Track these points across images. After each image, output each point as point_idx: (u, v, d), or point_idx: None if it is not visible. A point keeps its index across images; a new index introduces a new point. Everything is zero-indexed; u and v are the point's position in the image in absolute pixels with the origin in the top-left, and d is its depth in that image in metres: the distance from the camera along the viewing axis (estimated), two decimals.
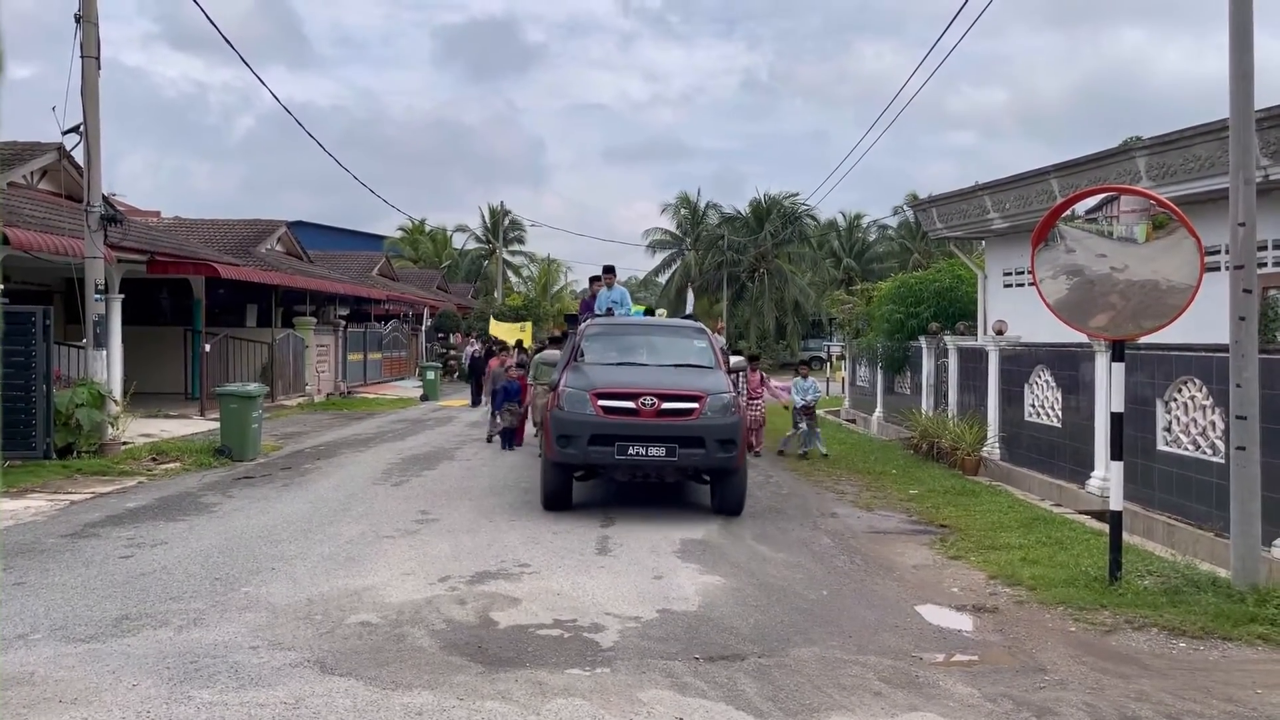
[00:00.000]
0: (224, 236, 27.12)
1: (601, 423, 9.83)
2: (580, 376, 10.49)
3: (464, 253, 61.40)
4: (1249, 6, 7.12)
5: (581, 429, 9.85)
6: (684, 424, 9.88)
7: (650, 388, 10.04)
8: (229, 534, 9.08)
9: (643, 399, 9.89)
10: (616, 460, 9.82)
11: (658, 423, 9.84)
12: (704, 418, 9.90)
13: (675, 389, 10.13)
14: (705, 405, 9.97)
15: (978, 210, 17.82)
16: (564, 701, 5.07)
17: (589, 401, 9.95)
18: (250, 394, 14.28)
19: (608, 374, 10.55)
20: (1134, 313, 7.41)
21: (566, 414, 10.03)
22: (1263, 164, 10.16)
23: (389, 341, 34.32)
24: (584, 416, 9.91)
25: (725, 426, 9.93)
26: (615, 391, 10.03)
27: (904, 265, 47.25)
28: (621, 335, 11.95)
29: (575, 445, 9.86)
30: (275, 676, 5.35)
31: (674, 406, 9.93)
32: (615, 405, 9.88)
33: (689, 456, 9.83)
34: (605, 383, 10.23)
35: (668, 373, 10.71)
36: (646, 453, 9.74)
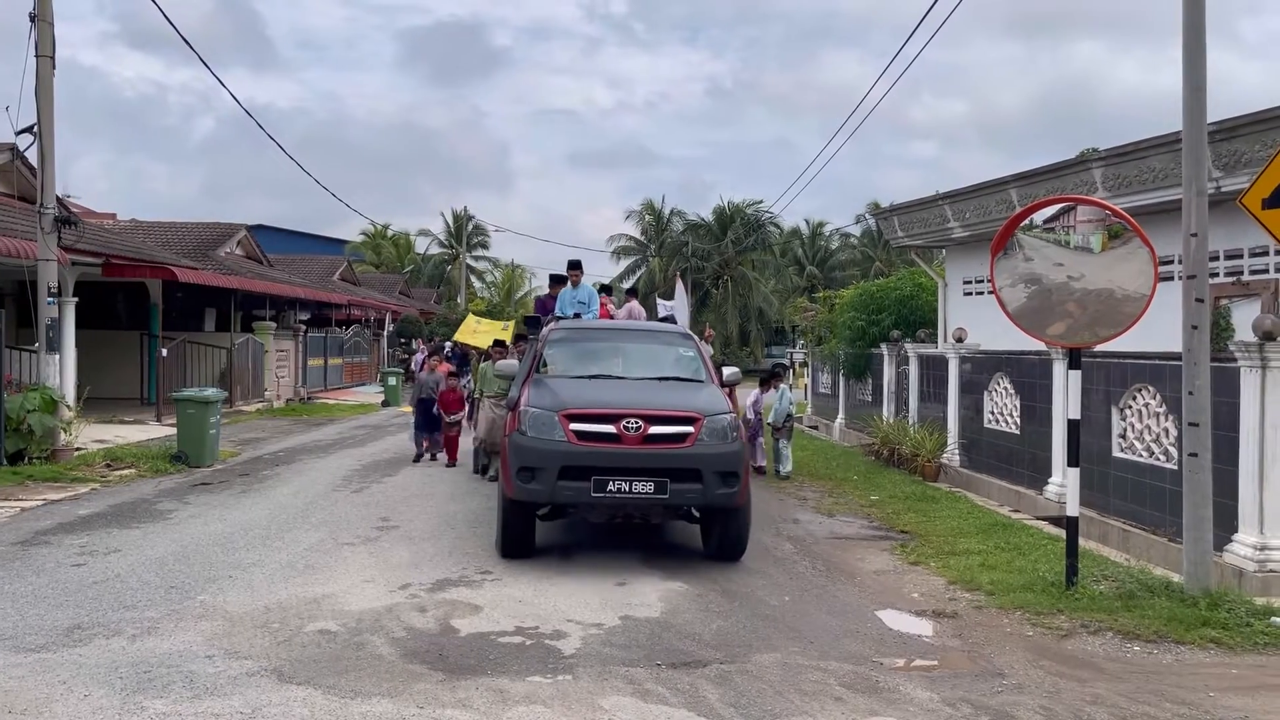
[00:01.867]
0: (182, 239, 26.75)
1: (574, 451, 7.95)
2: (546, 393, 8.52)
3: (427, 257, 61.08)
4: (1202, 22, 7.27)
5: (549, 459, 7.96)
6: (676, 452, 8.03)
7: (634, 407, 8.16)
8: (185, 541, 8.94)
9: (625, 421, 7.99)
10: (593, 499, 7.95)
11: (644, 451, 7.99)
12: (701, 444, 8.09)
13: (665, 409, 8.28)
14: (701, 429, 8.14)
15: (938, 219, 18.02)
16: (525, 709, 5.04)
17: (558, 425, 8.06)
18: (208, 399, 14.08)
19: (580, 390, 8.65)
20: (1090, 321, 7.52)
21: (530, 440, 8.11)
22: (1215, 176, 10.37)
23: (350, 347, 34.03)
24: (552, 444, 8.01)
25: (726, 455, 8.13)
26: (591, 412, 8.11)
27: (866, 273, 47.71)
28: (592, 341, 10.05)
29: (541, 479, 7.95)
30: (231, 686, 5.27)
31: (664, 431, 8.08)
32: (591, 429, 8.00)
33: (683, 493, 7.99)
34: (578, 401, 8.28)
35: (652, 388, 8.88)
36: (630, 489, 7.90)
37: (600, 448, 7.99)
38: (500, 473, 8.56)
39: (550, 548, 8.93)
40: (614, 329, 10.81)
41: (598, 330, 10.65)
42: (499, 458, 11.71)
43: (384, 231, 59.50)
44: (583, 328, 10.65)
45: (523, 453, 8.12)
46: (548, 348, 9.75)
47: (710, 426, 8.21)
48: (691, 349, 10.06)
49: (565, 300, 12.51)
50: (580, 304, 12.37)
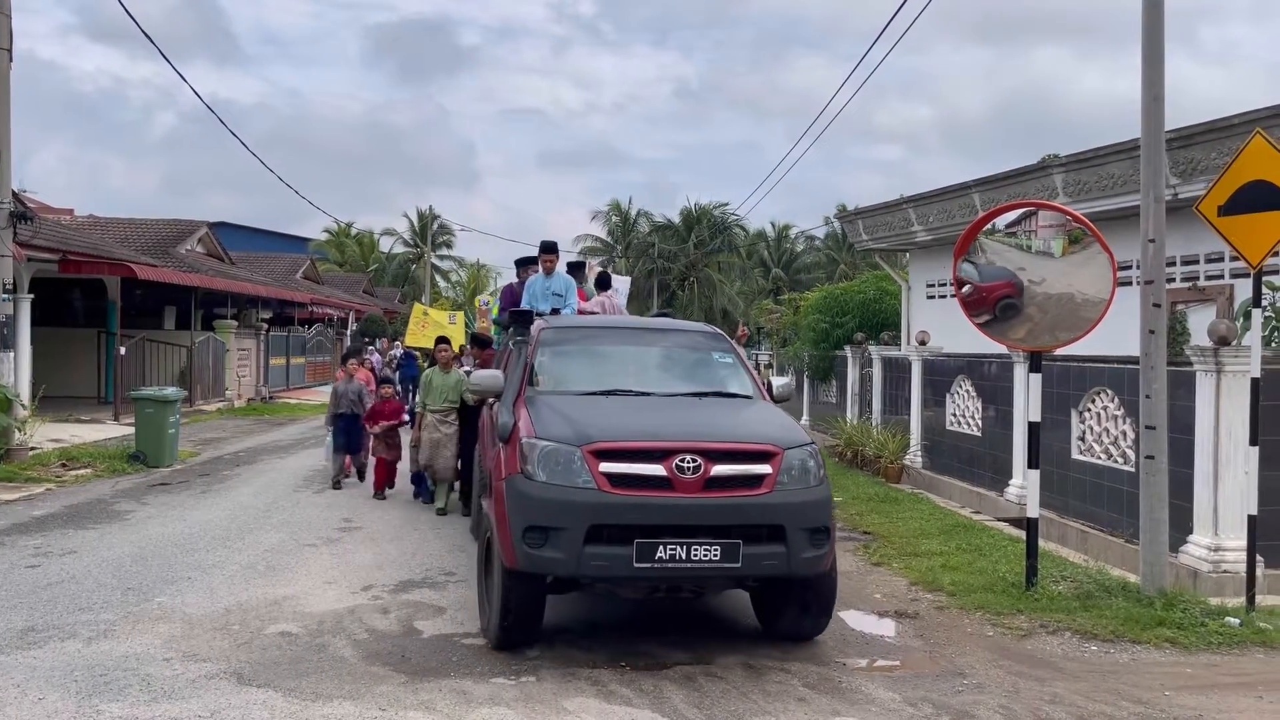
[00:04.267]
0: (141, 236, 26.36)
1: (610, 503, 5.61)
2: (556, 419, 6.11)
3: (391, 256, 60.66)
4: (1161, 31, 7.39)
5: (572, 515, 5.60)
6: (750, 502, 5.74)
7: (689, 438, 5.87)
8: (143, 542, 8.80)
9: (679, 459, 5.67)
10: (637, 570, 5.58)
11: (707, 501, 5.66)
12: (781, 489, 5.81)
13: (729, 440, 6.01)
14: (780, 467, 5.86)
15: (902, 223, 18.19)
16: (489, 711, 5.02)
17: (582, 465, 5.70)
18: (167, 398, 13.89)
19: (605, 414, 6.28)
20: (1051, 325, 7.62)
21: (541, 488, 5.73)
22: (1172, 183, 10.55)
23: (313, 346, 33.74)
24: (575, 492, 5.66)
25: (816, 504, 5.94)
26: (630, 446, 5.78)
27: (831, 276, 47.99)
28: (599, 344, 7.69)
29: (560, 544, 5.58)
30: (190, 689, 5.20)
31: (731, 472, 5.77)
32: (631, 471, 5.69)
33: (759, 560, 5.70)
34: (610, 430, 5.93)
35: (693, 409, 6.62)
36: (688, 556, 5.56)
37: (646, 497, 5.63)
38: (493, 532, 6.02)
39: None
40: (626, 327, 8.33)
41: (605, 330, 8.17)
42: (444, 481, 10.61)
43: (348, 230, 59.01)
44: (585, 326, 8.32)
45: (531, 506, 5.70)
46: (540, 353, 7.22)
47: (791, 463, 5.91)
48: (728, 352, 7.63)
49: (536, 291, 10.16)
50: (555, 296, 10.05)
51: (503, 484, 6.03)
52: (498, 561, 5.96)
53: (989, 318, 7.85)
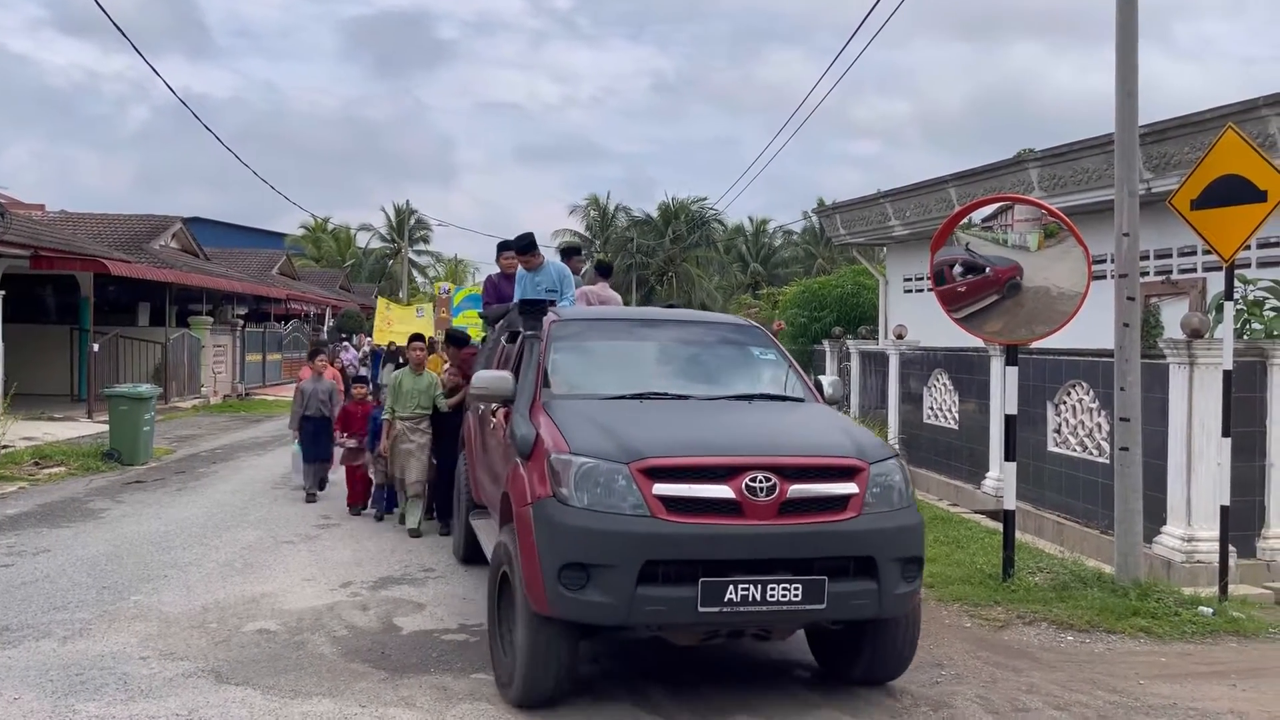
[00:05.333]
0: (115, 232, 26.11)
1: (669, 534, 4.70)
2: (591, 429, 5.14)
3: (368, 252, 60.37)
4: (1134, 28, 7.46)
5: (621, 549, 4.67)
6: (836, 529, 4.87)
7: (758, 452, 4.98)
8: (118, 541, 8.73)
9: (749, 478, 4.78)
10: (702, 616, 4.70)
11: (785, 529, 4.79)
12: (869, 513, 4.95)
13: (805, 453, 5.13)
14: (866, 484, 5.00)
15: (880, 217, 18.27)
16: (469, 706, 5.02)
17: (631, 485, 4.78)
18: (142, 395, 13.75)
19: (646, 421, 5.34)
20: (1027, 318, 7.68)
21: (580, 515, 4.78)
22: (1146, 177, 10.65)
23: (289, 342, 33.50)
24: (625, 520, 4.73)
25: (909, 529, 5.08)
26: (690, 463, 4.89)
27: (809, 270, 48.16)
28: (622, 339, 6.73)
29: (606, 585, 4.66)
30: (167, 687, 5.17)
31: (811, 492, 4.89)
32: (692, 494, 4.78)
33: (847, 599, 4.85)
34: (662, 443, 5.02)
35: (748, 415, 5.71)
36: (764, 596, 4.69)
37: (712, 526, 4.71)
38: (514, 568, 5.03)
39: None
40: (650, 319, 7.20)
41: (627, 323, 7.17)
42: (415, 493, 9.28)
43: (324, 225, 58.67)
44: (604, 319, 7.25)
45: (569, 538, 4.73)
46: (554, 349, 6.19)
47: (877, 480, 5.04)
48: (769, 347, 6.69)
49: (523, 283, 8.94)
50: (549, 292, 8.73)
51: (528, 510, 4.93)
52: (522, 606, 4.88)
53: (966, 311, 7.90)
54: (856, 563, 4.89)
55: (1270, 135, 9.93)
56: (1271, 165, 7.00)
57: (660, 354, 6.54)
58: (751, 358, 6.58)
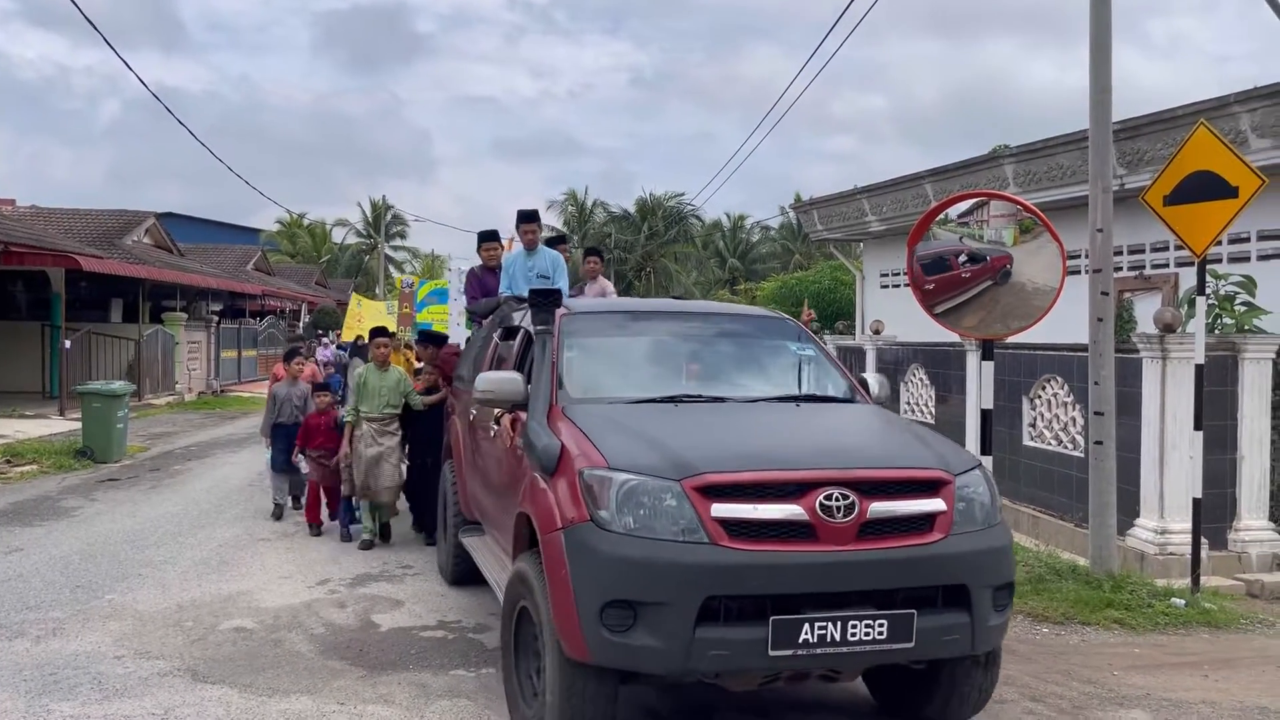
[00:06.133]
0: (87, 227, 25.81)
1: (734, 563, 4.01)
2: (628, 439, 4.47)
3: (344, 247, 59.97)
4: (1108, 26, 7.51)
5: (678, 583, 3.99)
6: (922, 553, 4.20)
7: (830, 464, 4.30)
8: (91, 539, 8.64)
9: (823, 495, 4.11)
10: (774, 660, 4.03)
11: (865, 555, 4.13)
12: (958, 533, 4.30)
13: (884, 464, 4.48)
14: (953, 499, 4.36)
15: (856, 213, 18.34)
16: (448, 703, 5.01)
17: (685, 505, 4.09)
18: (115, 392, 13.62)
19: (692, 429, 4.71)
20: (1002, 313, 7.73)
21: (625, 543, 4.06)
22: (1119, 173, 10.75)
23: (265, 338, 33.26)
24: (680, 549, 4.03)
25: (1001, 551, 4.45)
26: (753, 479, 4.18)
27: (786, 266, 48.31)
28: (644, 334, 5.91)
29: (659, 626, 3.97)
30: (142, 687, 5.13)
31: (894, 510, 4.23)
32: (758, 515, 4.09)
33: (938, 635, 4.20)
34: (716, 454, 4.32)
35: (803, 419, 5.15)
36: (844, 635, 4.04)
37: (783, 553, 4.02)
38: (539, 604, 4.34)
39: None
40: (671, 312, 6.38)
41: (647, 315, 6.34)
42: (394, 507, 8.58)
43: (300, 221, 58.22)
44: (621, 311, 6.42)
45: (613, 570, 4.02)
46: (567, 347, 5.42)
47: (964, 494, 4.40)
48: (807, 341, 5.97)
49: (515, 273, 8.13)
50: (541, 278, 7.96)
51: (558, 537, 4.20)
52: (552, 650, 4.19)
53: (942, 307, 7.94)
54: (946, 592, 4.25)
55: (1242, 132, 10.05)
56: (1243, 162, 7.08)
57: (686, 351, 5.78)
58: (787, 353, 5.86)
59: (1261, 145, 9.94)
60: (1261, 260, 10.88)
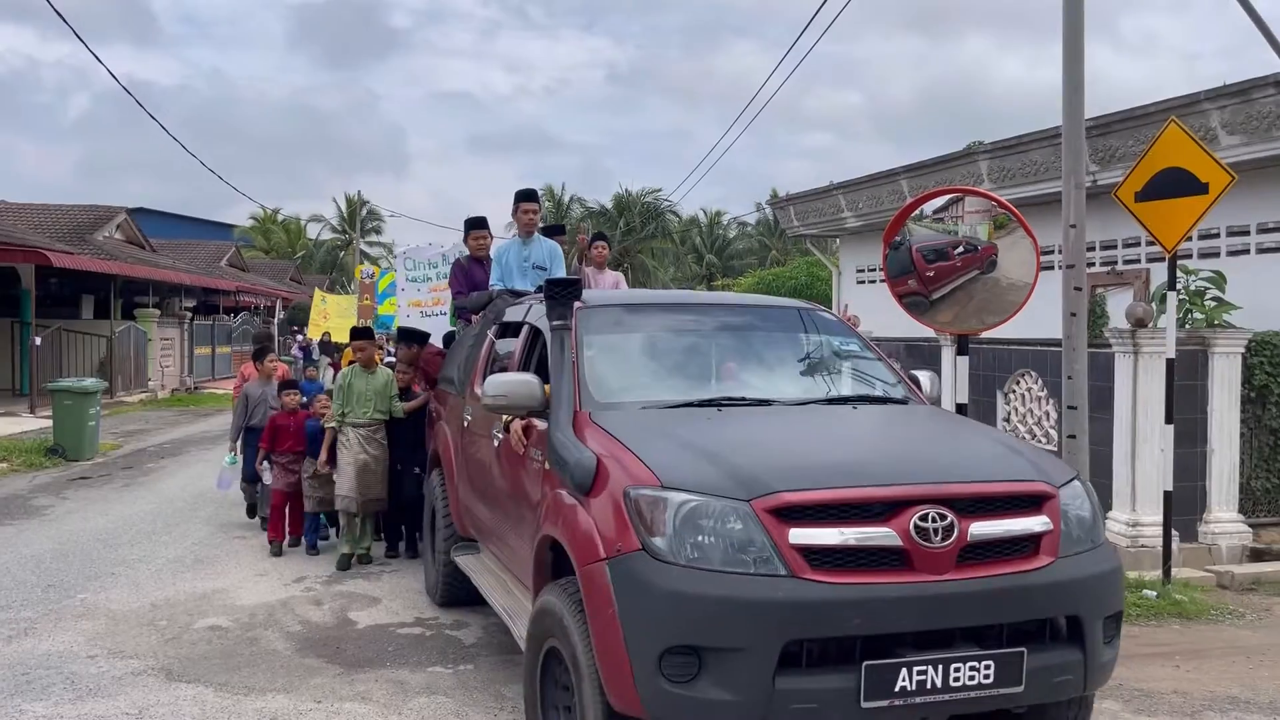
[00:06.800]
0: (56, 223, 25.49)
1: (819, 600, 3.40)
2: (680, 450, 3.88)
3: (319, 243, 59.61)
4: (1081, 23, 7.57)
5: (754, 624, 3.37)
6: (1030, 581, 3.66)
7: (922, 478, 3.74)
8: (63, 538, 8.56)
9: (916, 515, 3.52)
10: (866, 710, 3.41)
11: (967, 585, 3.56)
12: (1066, 554, 3.78)
13: (981, 476, 3.86)
14: (1059, 518, 3.82)
15: (833, 209, 18.41)
16: (426, 700, 5.00)
17: (756, 531, 3.48)
18: (87, 389, 13.49)
19: (753, 438, 4.14)
20: (977, 309, 7.78)
21: (688, 577, 3.45)
22: (1092, 169, 10.85)
23: (239, 335, 33.00)
24: (755, 583, 3.42)
25: (1112, 574, 3.93)
26: (836, 498, 3.57)
27: (763, 262, 48.47)
28: (672, 329, 5.24)
29: (731, 675, 3.37)
30: (116, 686, 5.08)
31: (996, 531, 3.68)
32: (843, 541, 3.50)
33: (1049, 676, 3.66)
34: (787, 468, 3.72)
35: (871, 424, 4.63)
36: (946, 680, 3.47)
37: (874, 586, 3.46)
38: (573, 645, 3.75)
39: None
40: (698, 305, 5.94)
41: (670, 308, 5.72)
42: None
43: (274, 216, 57.80)
44: (641, 304, 5.78)
45: (673, 610, 3.42)
46: (587, 344, 4.80)
47: (1069, 510, 3.87)
48: (850, 336, 5.54)
49: (509, 263, 7.53)
50: (538, 269, 7.47)
51: (602, 570, 3.57)
52: (594, 703, 3.63)
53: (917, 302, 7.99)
54: (1055, 625, 3.74)
55: (1212, 129, 10.16)
56: (1213, 158, 7.16)
57: (719, 347, 5.16)
58: (831, 349, 5.30)
59: (1231, 142, 10.05)
60: (1231, 255, 11.01)
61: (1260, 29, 7.30)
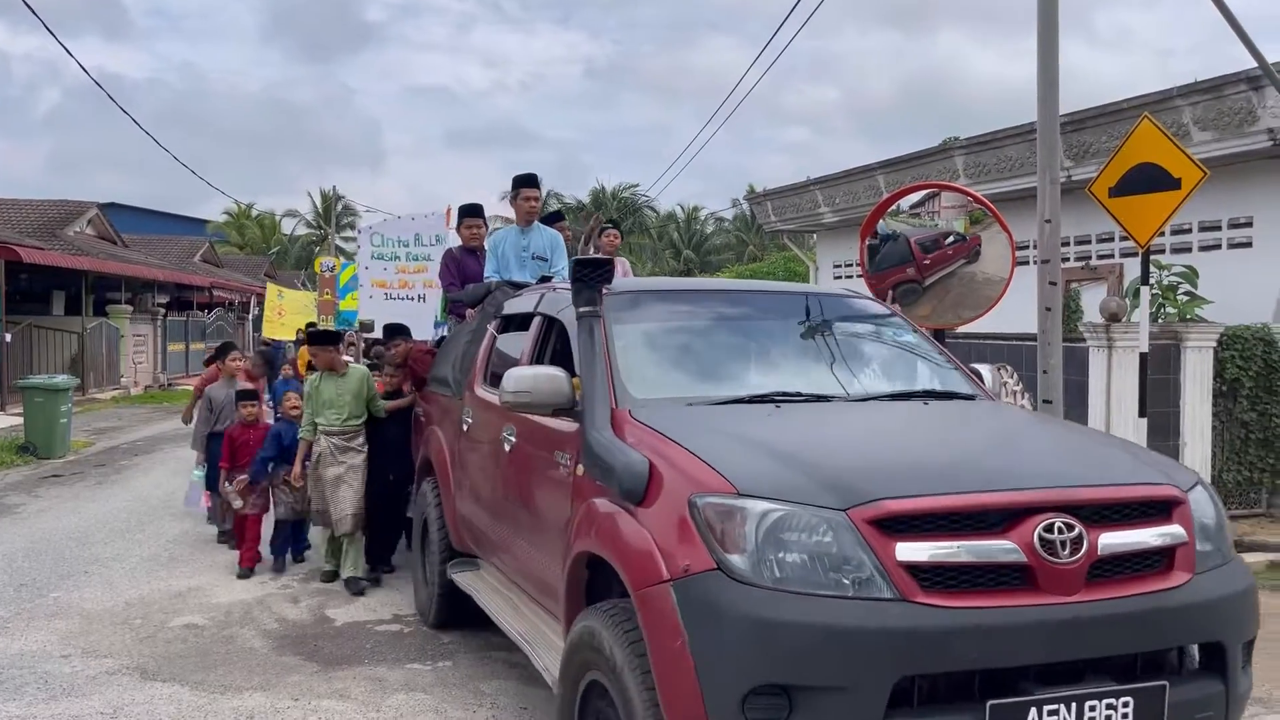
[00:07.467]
0: (26, 218, 25.18)
1: (935, 627, 2.84)
2: (751, 453, 3.31)
3: (294, 238, 59.19)
4: (1055, 20, 7.62)
5: (858, 657, 2.81)
6: (1166, 601, 3.10)
7: (1041, 483, 3.20)
8: (35, 536, 8.46)
9: (1041, 525, 2.98)
10: None
11: (1101, 607, 2.99)
12: (1202, 569, 3.23)
13: (1108, 479, 3.34)
14: (1193, 528, 3.27)
15: (810, 204, 18.46)
16: (405, 696, 4.98)
17: (857, 546, 2.92)
18: (58, 386, 13.34)
19: (834, 437, 3.74)
20: (954, 303, 7.84)
21: (776, 603, 2.87)
22: (1066, 165, 10.93)
23: (214, 331, 32.73)
24: (856, 608, 2.86)
25: (1248, 594, 3.36)
26: (948, 506, 3.01)
27: (740, 257, 48.57)
28: (707, 321, 4.72)
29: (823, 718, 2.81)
30: (90, 685, 5.03)
31: (1128, 542, 3.12)
32: (958, 557, 2.94)
33: (1190, 713, 3.09)
34: (888, 472, 3.21)
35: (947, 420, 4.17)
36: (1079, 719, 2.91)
37: (997, 610, 2.94)
38: (642, 688, 3.12)
39: None
40: (733, 291, 5.48)
41: (703, 295, 5.19)
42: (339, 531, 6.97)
43: (248, 211, 57.36)
44: (672, 290, 5.35)
45: (758, 641, 2.87)
46: (618, 334, 4.28)
47: (1201, 519, 3.37)
48: (903, 326, 4.97)
49: (506, 252, 7.03)
50: (538, 258, 7.01)
51: (666, 592, 3.04)
52: None
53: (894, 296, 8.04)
54: (1202, 653, 3.25)
55: (1184, 125, 10.26)
56: (1185, 154, 7.22)
57: (764, 338, 4.66)
58: (885, 340, 4.83)
59: (1203, 138, 10.16)
60: (1203, 251, 11.13)
61: (1232, 25, 7.36)
